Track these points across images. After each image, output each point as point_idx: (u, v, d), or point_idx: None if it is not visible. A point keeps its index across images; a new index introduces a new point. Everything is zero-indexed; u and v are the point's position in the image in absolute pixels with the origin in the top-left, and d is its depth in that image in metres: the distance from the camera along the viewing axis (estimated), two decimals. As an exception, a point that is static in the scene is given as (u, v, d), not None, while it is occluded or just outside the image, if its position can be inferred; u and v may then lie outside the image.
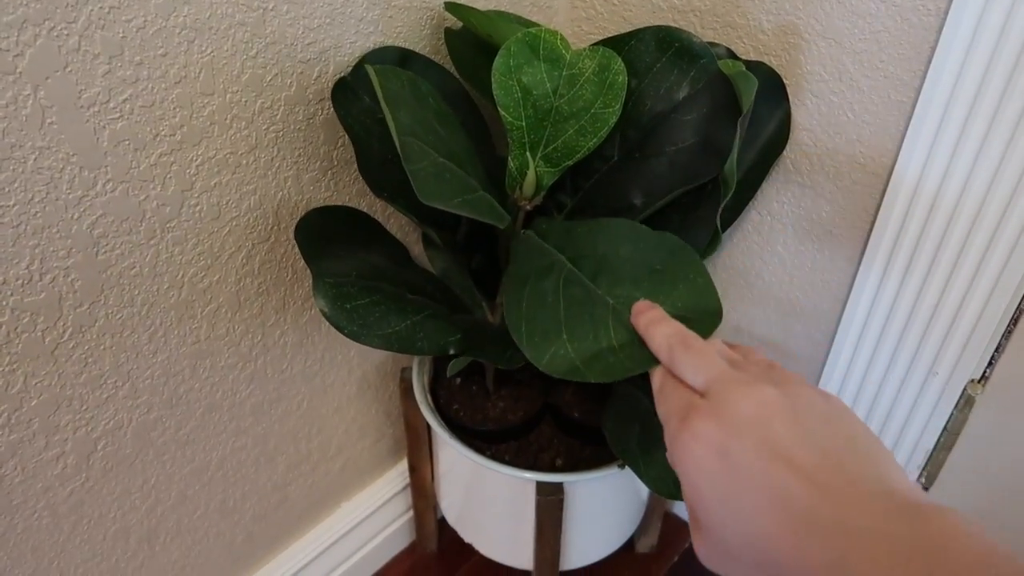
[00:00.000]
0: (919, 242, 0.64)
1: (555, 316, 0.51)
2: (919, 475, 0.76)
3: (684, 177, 0.58)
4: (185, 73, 0.53)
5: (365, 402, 0.85)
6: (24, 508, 0.59)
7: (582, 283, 0.52)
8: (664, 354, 0.42)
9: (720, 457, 0.34)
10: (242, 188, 0.61)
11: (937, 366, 0.68)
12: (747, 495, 0.33)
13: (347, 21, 0.61)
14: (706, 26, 0.70)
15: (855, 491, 0.31)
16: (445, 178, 0.52)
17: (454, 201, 0.51)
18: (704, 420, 0.35)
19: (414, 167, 0.49)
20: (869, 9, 0.60)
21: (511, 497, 0.76)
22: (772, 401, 0.35)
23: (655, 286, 0.50)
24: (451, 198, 0.51)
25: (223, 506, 0.75)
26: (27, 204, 0.49)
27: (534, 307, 0.52)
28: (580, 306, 0.51)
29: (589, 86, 0.58)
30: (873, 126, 0.64)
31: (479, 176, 0.59)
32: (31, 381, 0.54)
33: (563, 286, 0.53)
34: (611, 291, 0.51)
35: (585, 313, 0.50)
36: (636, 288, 0.50)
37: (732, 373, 0.37)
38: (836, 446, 0.33)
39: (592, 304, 0.50)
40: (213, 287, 0.63)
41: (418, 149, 0.51)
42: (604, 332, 0.48)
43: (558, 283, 0.53)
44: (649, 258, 0.52)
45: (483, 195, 0.56)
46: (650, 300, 0.48)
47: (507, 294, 0.55)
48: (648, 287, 0.50)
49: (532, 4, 0.76)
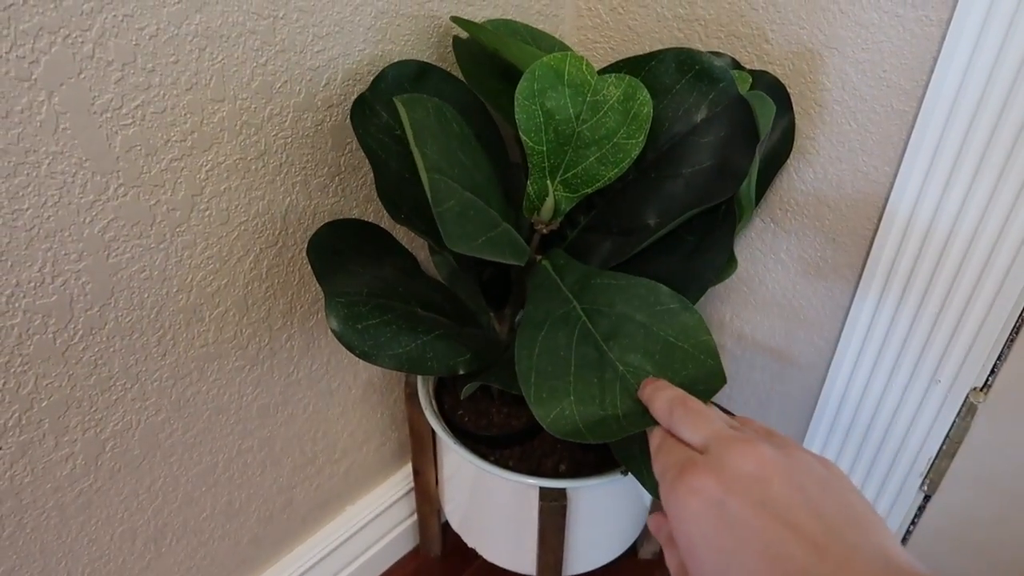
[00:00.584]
0: (921, 251, 0.64)
1: (565, 374, 0.52)
2: (922, 483, 0.76)
3: (699, 198, 0.58)
4: (196, 80, 0.54)
5: (370, 406, 0.85)
6: (33, 508, 0.59)
7: (596, 343, 0.53)
8: (664, 415, 0.42)
9: (718, 512, 0.34)
10: (251, 193, 0.61)
11: (939, 374, 0.69)
12: (744, 552, 0.33)
13: (356, 29, 0.62)
14: (711, 35, 0.71)
15: (853, 556, 0.31)
16: (469, 216, 0.52)
17: (478, 242, 0.51)
18: (703, 475, 0.35)
19: (441, 209, 0.49)
20: (872, 19, 0.60)
21: (514, 502, 0.76)
22: (772, 461, 0.35)
23: (666, 360, 0.51)
24: (474, 239, 0.51)
25: (229, 508, 0.75)
26: (40, 208, 0.50)
27: (545, 360, 0.53)
28: (591, 368, 0.52)
29: (613, 114, 0.58)
30: (876, 135, 0.64)
31: (499, 204, 0.59)
32: (42, 382, 0.55)
33: (576, 343, 0.54)
34: (623, 357, 0.52)
35: (594, 376, 0.51)
36: (648, 360, 0.51)
37: (731, 432, 0.38)
38: (834, 511, 0.33)
39: (603, 368, 0.52)
40: (221, 291, 0.63)
41: (445, 187, 0.51)
42: (611, 400, 0.49)
43: (571, 339, 0.54)
44: (664, 331, 0.53)
45: (505, 229, 0.56)
46: (658, 375, 0.49)
47: (520, 337, 0.55)
48: (660, 360, 0.51)
49: (539, 13, 0.77)
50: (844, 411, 0.77)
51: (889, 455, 0.76)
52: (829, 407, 0.78)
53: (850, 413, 0.77)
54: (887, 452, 0.76)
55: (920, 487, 0.76)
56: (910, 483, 0.76)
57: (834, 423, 0.79)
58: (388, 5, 0.63)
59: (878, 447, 0.76)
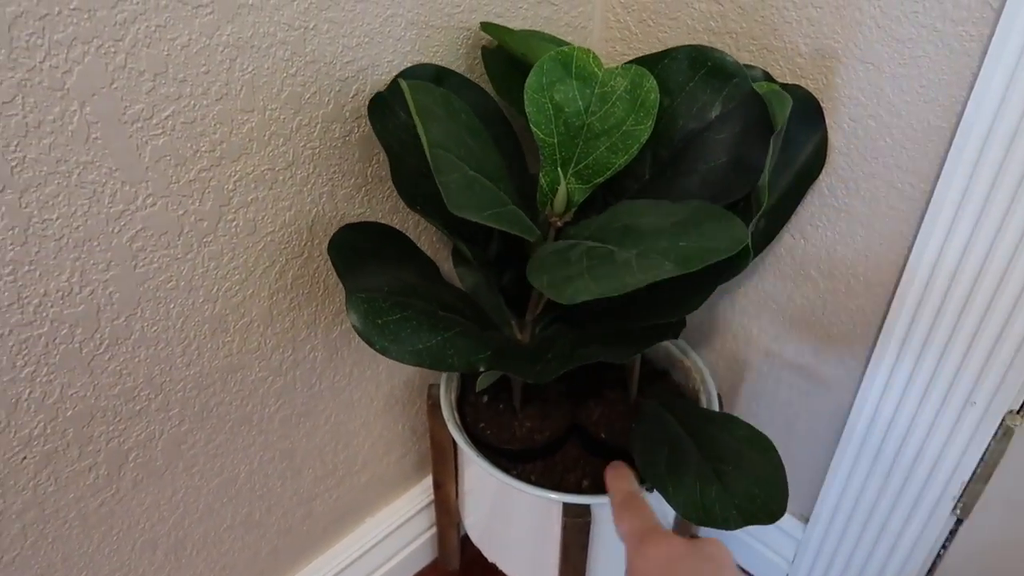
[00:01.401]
0: (957, 270, 0.63)
1: (579, 268, 0.51)
2: (954, 506, 0.74)
3: (715, 195, 0.58)
4: (226, 90, 0.54)
5: (392, 418, 0.85)
6: (56, 517, 0.59)
7: (606, 247, 0.52)
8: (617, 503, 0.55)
9: None
10: (278, 204, 0.61)
11: (974, 396, 0.67)
12: None
13: (385, 40, 0.62)
14: (742, 48, 0.70)
15: None
16: (475, 190, 0.52)
17: (484, 213, 0.51)
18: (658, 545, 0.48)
19: (444, 178, 0.49)
20: (909, 34, 0.59)
21: (536, 517, 0.75)
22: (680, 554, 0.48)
23: (679, 230, 0.50)
24: (481, 210, 0.51)
25: (249, 519, 0.75)
26: (70, 217, 0.50)
27: (557, 267, 0.52)
28: (603, 259, 0.50)
29: (621, 104, 0.58)
30: (912, 151, 0.63)
31: (510, 191, 0.59)
32: (67, 392, 0.55)
33: (587, 251, 0.53)
34: (636, 245, 0.51)
35: (608, 263, 0.50)
36: (659, 237, 0.50)
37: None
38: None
39: (615, 256, 0.50)
40: (246, 301, 0.63)
41: (449, 161, 0.51)
42: (628, 272, 0.47)
43: (582, 251, 0.53)
44: (673, 215, 0.52)
45: (513, 209, 0.56)
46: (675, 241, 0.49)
47: (531, 267, 0.54)
48: (671, 233, 0.50)
49: (567, 24, 0.76)
50: (874, 432, 0.76)
51: (921, 478, 0.74)
52: (859, 427, 0.77)
53: (880, 434, 0.75)
54: (919, 475, 0.74)
55: (952, 511, 0.75)
56: (942, 506, 0.74)
57: (864, 443, 0.77)
58: (418, 17, 0.63)
59: (909, 469, 0.75)
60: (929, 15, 0.58)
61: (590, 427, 0.80)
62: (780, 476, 0.65)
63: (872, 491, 0.79)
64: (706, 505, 0.64)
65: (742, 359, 0.86)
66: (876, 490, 0.78)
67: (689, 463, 0.67)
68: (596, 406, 0.82)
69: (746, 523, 0.63)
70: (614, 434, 0.79)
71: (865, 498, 0.80)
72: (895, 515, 0.79)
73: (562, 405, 0.81)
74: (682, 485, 0.65)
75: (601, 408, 0.82)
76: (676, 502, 0.64)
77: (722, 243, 0.47)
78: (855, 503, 0.81)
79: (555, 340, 0.65)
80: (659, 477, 0.66)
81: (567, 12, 0.76)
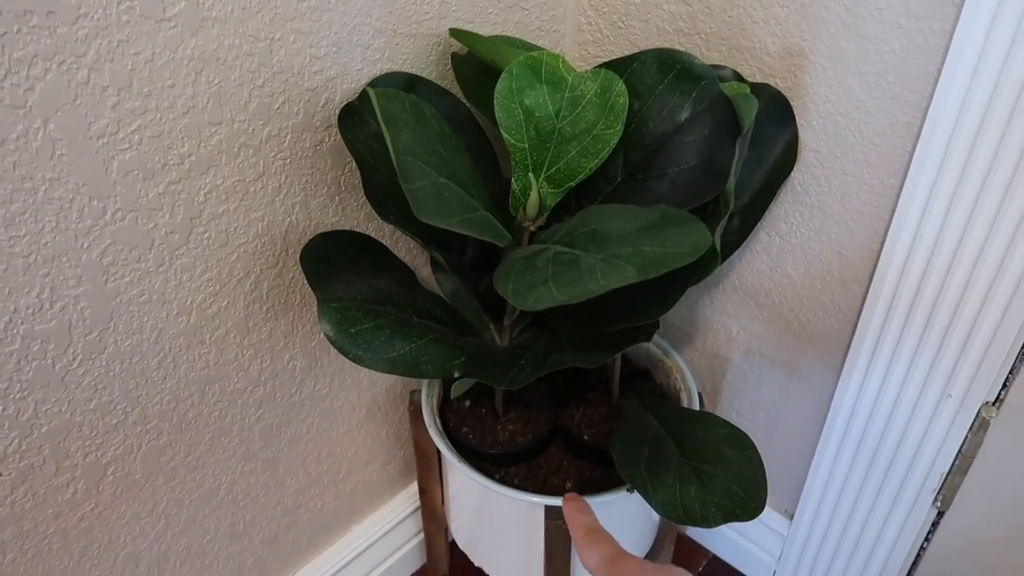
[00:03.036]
0: (929, 263, 0.63)
1: (543, 275, 0.51)
2: (934, 498, 0.74)
3: (686, 197, 0.59)
4: (193, 103, 0.54)
5: (375, 425, 0.85)
6: (35, 534, 0.59)
7: (573, 253, 0.52)
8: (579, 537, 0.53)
9: None
10: (250, 215, 0.61)
11: (950, 388, 0.67)
12: None
13: (353, 49, 0.62)
14: (712, 48, 0.70)
15: None
16: (444, 197, 0.53)
17: (453, 220, 0.51)
18: None
19: (412, 186, 0.49)
20: (874, 31, 0.60)
21: (521, 521, 0.75)
22: None
23: (644, 235, 0.50)
24: (450, 217, 0.51)
25: (233, 530, 0.75)
26: (37, 234, 0.50)
27: (523, 273, 0.52)
28: (568, 264, 0.51)
29: (591, 108, 0.59)
30: (881, 147, 0.63)
31: (482, 197, 0.59)
32: (41, 408, 0.55)
33: (554, 257, 0.53)
34: (601, 250, 0.51)
35: (573, 269, 0.50)
36: (624, 243, 0.50)
37: None
38: None
39: (580, 262, 0.50)
40: (221, 313, 0.63)
41: (417, 169, 0.52)
42: (591, 278, 0.48)
43: (548, 257, 0.53)
44: (640, 220, 0.52)
45: (484, 215, 0.57)
46: (639, 246, 0.49)
47: (497, 273, 0.55)
48: (636, 238, 0.50)
49: (539, 28, 0.77)
50: (854, 426, 0.76)
51: (901, 471, 0.75)
52: (839, 422, 0.77)
53: (860, 428, 0.75)
54: (899, 467, 0.75)
55: (933, 503, 0.75)
56: (923, 499, 0.75)
57: (844, 438, 0.77)
58: (386, 25, 0.63)
59: (890, 462, 0.75)
60: (893, 11, 0.58)
61: (573, 429, 0.80)
62: (759, 474, 0.65)
63: (854, 485, 0.79)
64: (686, 504, 0.64)
65: (723, 357, 0.86)
66: (858, 484, 0.79)
67: (669, 462, 0.67)
68: (578, 408, 0.82)
69: (726, 520, 0.63)
70: (596, 435, 0.79)
71: (848, 492, 0.80)
72: (877, 508, 0.79)
73: (544, 408, 0.82)
74: (662, 484, 0.65)
75: (583, 410, 0.82)
76: (657, 501, 0.64)
77: (684, 248, 0.47)
78: (838, 497, 0.82)
79: (528, 346, 0.66)
80: (639, 476, 0.66)
81: (538, 16, 0.76)
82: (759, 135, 0.68)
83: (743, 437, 0.68)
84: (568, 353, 0.61)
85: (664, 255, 0.47)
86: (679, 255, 0.46)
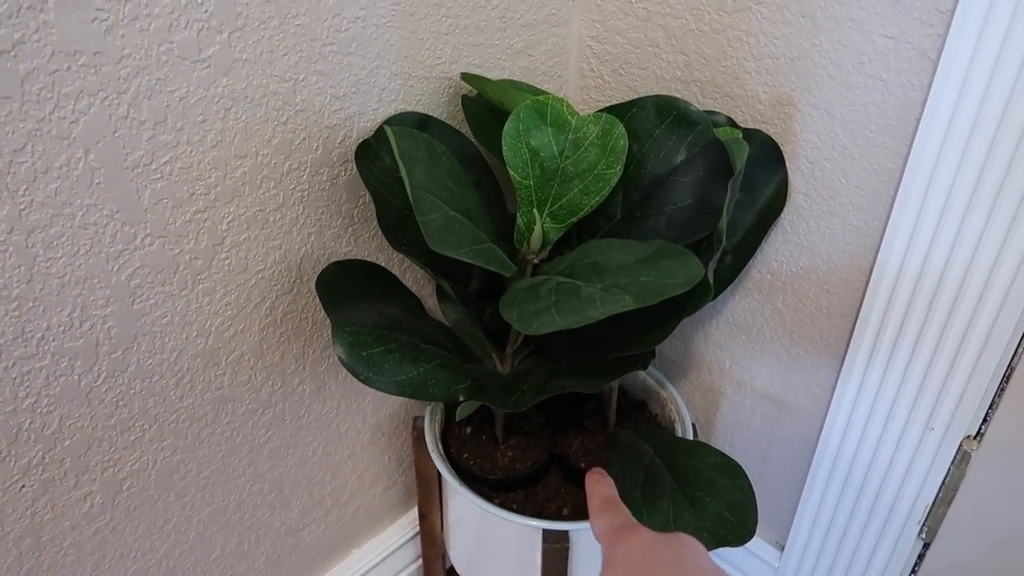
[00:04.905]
0: (911, 301, 0.67)
1: (546, 303, 0.54)
2: (920, 530, 0.77)
3: (681, 234, 0.62)
4: (221, 138, 0.57)
5: (378, 450, 0.87)
6: (52, 546, 0.61)
7: (574, 283, 0.56)
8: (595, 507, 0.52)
9: None
10: (268, 243, 0.65)
11: (933, 422, 0.70)
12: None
13: (371, 90, 0.66)
14: (707, 96, 0.74)
15: None
16: (455, 229, 0.56)
17: (462, 250, 0.55)
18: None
19: (425, 218, 0.53)
20: (858, 83, 0.64)
21: (519, 545, 0.77)
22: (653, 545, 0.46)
23: (641, 267, 0.54)
24: (459, 247, 0.55)
25: (238, 549, 0.77)
26: (72, 256, 0.53)
27: (527, 301, 0.56)
28: (570, 293, 0.54)
29: (592, 149, 0.62)
30: (865, 191, 0.67)
31: (489, 230, 0.63)
32: (66, 422, 0.58)
33: (556, 286, 0.56)
34: (601, 280, 0.55)
35: (575, 298, 0.53)
36: (622, 273, 0.54)
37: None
38: None
39: (581, 291, 0.54)
40: (238, 336, 0.66)
41: (430, 202, 0.55)
42: (591, 306, 0.51)
43: (551, 287, 0.57)
44: (637, 253, 0.56)
45: (491, 246, 0.60)
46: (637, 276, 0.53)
47: (503, 301, 0.58)
48: (634, 269, 0.54)
49: (544, 74, 0.81)
50: (842, 458, 0.79)
51: (887, 502, 0.77)
52: (828, 454, 0.80)
53: (848, 460, 0.78)
54: (885, 499, 0.77)
55: (918, 535, 0.77)
56: (908, 531, 0.77)
57: (832, 470, 0.80)
58: (402, 68, 0.67)
59: (876, 494, 0.78)
60: (875, 65, 0.62)
61: (570, 456, 0.82)
62: (750, 501, 0.68)
63: (843, 516, 0.82)
64: (679, 528, 0.67)
65: (717, 390, 0.89)
66: (847, 515, 0.81)
67: (663, 489, 0.70)
68: (576, 436, 0.85)
69: (717, 545, 0.66)
70: (593, 463, 0.82)
71: (837, 524, 0.83)
72: (865, 540, 0.81)
73: (543, 436, 0.84)
74: (656, 510, 0.68)
75: (581, 438, 0.85)
76: (651, 525, 0.66)
77: (679, 279, 0.51)
78: (827, 529, 0.84)
79: (530, 372, 0.69)
80: (634, 502, 0.69)
81: (543, 62, 0.80)
82: (751, 178, 0.72)
83: (735, 466, 0.70)
84: (568, 379, 0.64)
85: (660, 285, 0.50)
86: (674, 285, 0.50)
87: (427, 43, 0.68)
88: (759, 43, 0.69)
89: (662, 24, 0.75)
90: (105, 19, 0.48)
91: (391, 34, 0.65)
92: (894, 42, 0.61)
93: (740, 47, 0.70)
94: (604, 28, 0.79)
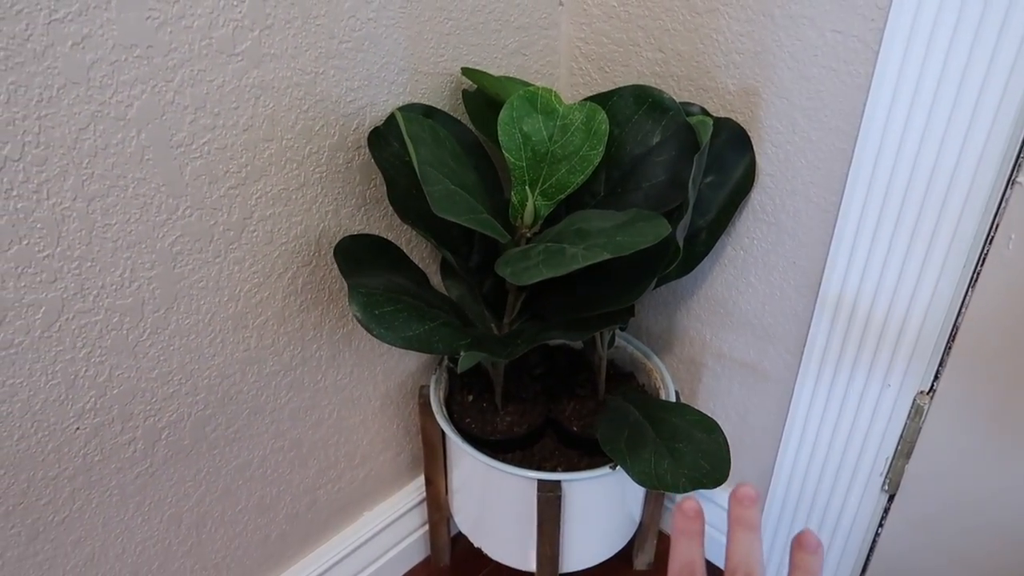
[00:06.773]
0: (865, 268, 0.74)
1: (536, 261, 0.63)
2: (883, 483, 0.84)
3: (656, 206, 0.70)
4: (252, 123, 0.66)
5: (388, 417, 0.95)
6: (100, 485, 0.69)
7: (560, 246, 0.64)
8: None
9: None
10: (291, 218, 0.73)
11: (889, 378, 0.78)
12: None
13: (381, 84, 0.74)
14: (682, 88, 0.83)
15: None
16: (455, 200, 0.64)
17: (463, 217, 0.63)
18: None
19: (431, 188, 0.61)
20: (813, 73, 0.72)
21: (517, 499, 0.85)
22: None
23: (617, 229, 0.62)
24: (460, 215, 0.63)
25: (261, 503, 0.85)
26: (125, 224, 0.61)
27: (519, 260, 0.64)
28: (556, 253, 0.63)
29: (578, 133, 0.71)
30: (823, 171, 0.75)
31: (486, 205, 0.71)
32: (115, 372, 0.66)
33: (544, 249, 0.65)
34: (583, 242, 0.63)
35: (560, 255, 0.62)
36: (602, 235, 0.62)
37: None
38: None
39: (565, 251, 0.62)
40: (264, 302, 0.74)
41: (434, 176, 0.64)
42: (574, 260, 0.60)
43: (540, 249, 0.65)
44: (616, 220, 0.65)
45: (488, 216, 0.68)
46: (613, 236, 0.61)
47: (499, 262, 0.67)
48: (612, 232, 0.62)
49: (537, 72, 0.90)
50: (812, 418, 0.86)
51: (853, 457, 0.84)
52: (799, 415, 0.87)
53: (817, 418, 0.86)
54: (850, 455, 0.84)
55: (882, 487, 0.84)
56: (873, 482, 0.84)
57: (803, 431, 0.87)
58: (409, 64, 0.76)
59: (843, 450, 0.85)
60: (827, 56, 0.71)
61: (564, 421, 0.90)
62: (724, 450, 0.75)
63: (814, 475, 0.89)
64: (659, 474, 0.74)
65: (698, 361, 0.97)
66: (817, 472, 0.89)
67: (646, 440, 0.78)
68: (569, 403, 0.93)
69: (694, 487, 0.73)
70: (585, 427, 0.89)
71: (810, 479, 0.90)
72: (836, 493, 0.88)
73: (538, 403, 0.92)
74: (640, 459, 0.75)
75: (573, 404, 0.92)
76: (634, 472, 0.74)
77: (649, 235, 0.59)
78: (801, 488, 0.91)
79: (523, 331, 0.77)
80: (620, 453, 0.76)
81: (537, 61, 0.89)
82: (723, 160, 0.80)
83: (711, 422, 0.78)
84: (555, 332, 0.72)
85: (633, 240, 0.58)
86: (644, 240, 0.58)
87: (431, 42, 0.77)
88: (727, 40, 0.77)
89: (642, 25, 0.83)
90: (157, 17, 0.57)
91: (399, 33, 0.73)
92: (842, 36, 0.69)
93: (710, 44, 0.78)
94: (591, 30, 0.88)
